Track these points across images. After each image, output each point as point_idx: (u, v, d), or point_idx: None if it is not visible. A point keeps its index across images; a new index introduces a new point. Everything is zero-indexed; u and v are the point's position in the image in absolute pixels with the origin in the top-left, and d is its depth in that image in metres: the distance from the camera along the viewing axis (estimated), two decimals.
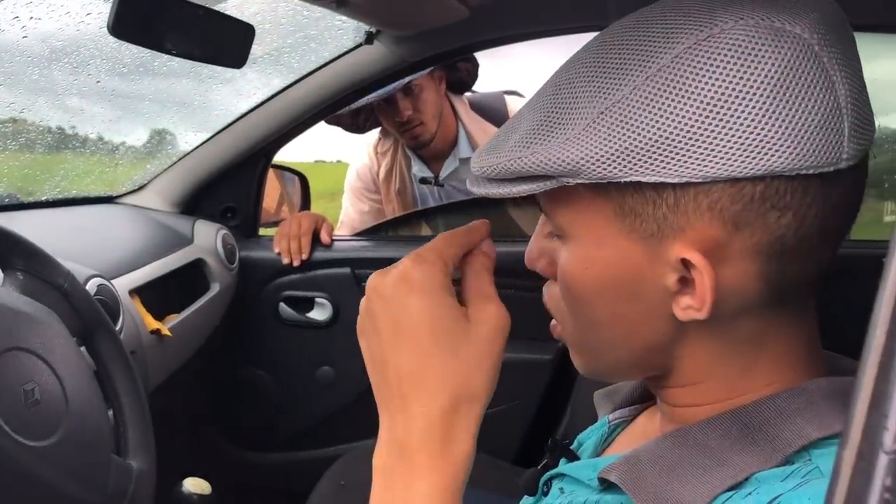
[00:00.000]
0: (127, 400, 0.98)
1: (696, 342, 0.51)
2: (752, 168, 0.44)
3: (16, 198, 1.72)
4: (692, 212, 0.46)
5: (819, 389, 0.49)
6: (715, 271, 0.46)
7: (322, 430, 1.94)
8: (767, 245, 0.46)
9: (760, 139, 0.43)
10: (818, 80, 0.43)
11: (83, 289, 0.97)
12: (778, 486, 0.44)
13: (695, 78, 0.44)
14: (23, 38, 1.30)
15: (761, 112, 0.43)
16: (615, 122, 0.46)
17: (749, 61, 0.43)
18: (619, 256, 0.50)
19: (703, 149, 0.44)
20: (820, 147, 0.43)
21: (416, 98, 2.06)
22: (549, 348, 1.76)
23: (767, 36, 0.44)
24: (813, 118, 0.43)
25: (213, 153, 1.84)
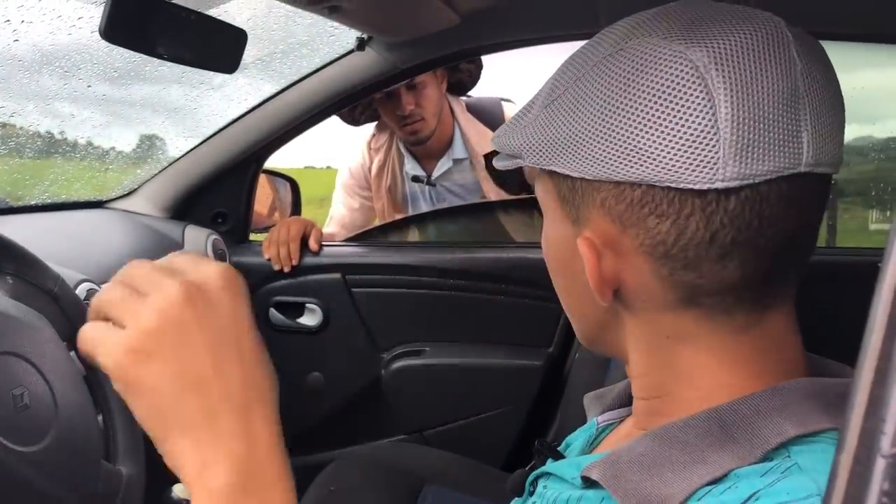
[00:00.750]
0: (116, 405, 0.97)
1: (630, 330, 0.56)
2: (629, 174, 0.48)
3: (5, 202, 1.71)
4: (591, 205, 0.52)
5: (799, 389, 0.50)
6: (612, 262, 0.52)
7: (311, 437, 1.94)
8: (651, 247, 0.50)
9: (637, 148, 0.47)
10: (696, 100, 0.45)
11: (73, 293, 0.97)
12: (757, 481, 0.44)
13: (595, 86, 0.50)
14: (14, 42, 1.29)
15: (639, 124, 0.47)
16: (550, 116, 0.53)
17: (637, 77, 0.47)
18: (560, 236, 0.57)
19: (594, 150, 0.49)
20: (691, 164, 0.45)
21: (418, 93, 2.07)
22: (539, 355, 1.77)
23: (663, 56, 0.47)
24: (683, 135, 0.45)
25: (203, 158, 1.84)
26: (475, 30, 1.55)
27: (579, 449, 0.69)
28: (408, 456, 1.54)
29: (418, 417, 1.84)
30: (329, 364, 1.89)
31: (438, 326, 1.83)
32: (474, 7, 1.41)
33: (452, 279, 1.79)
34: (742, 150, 0.45)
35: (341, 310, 1.85)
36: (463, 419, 1.81)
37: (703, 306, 0.51)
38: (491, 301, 1.79)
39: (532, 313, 1.77)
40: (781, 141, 0.46)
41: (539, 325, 1.78)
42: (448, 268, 1.79)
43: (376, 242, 2.07)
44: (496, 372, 1.78)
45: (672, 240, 0.48)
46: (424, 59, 1.67)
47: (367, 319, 1.85)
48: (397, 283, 1.82)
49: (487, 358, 1.79)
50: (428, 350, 1.83)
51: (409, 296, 1.82)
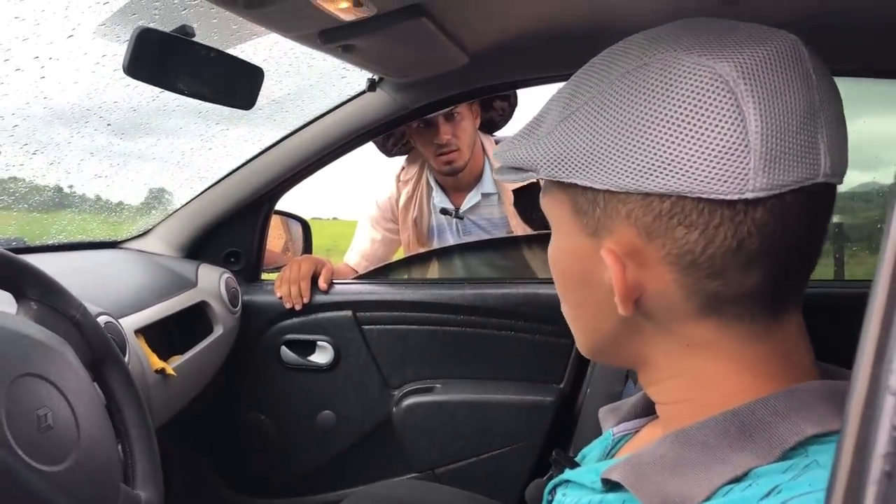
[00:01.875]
0: (136, 431, 0.98)
1: (651, 339, 0.56)
2: (659, 186, 0.48)
3: (22, 241, 1.74)
4: (615, 217, 0.52)
5: (814, 390, 0.51)
6: (634, 272, 0.52)
7: (323, 476, 1.93)
8: (677, 257, 0.50)
9: (667, 160, 0.48)
10: (730, 115, 0.46)
11: (94, 320, 0.99)
12: (777, 477, 0.45)
13: (622, 100, 0.50)
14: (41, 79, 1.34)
15: (671, 136, 0.48)
16: (568, 129, 0.53)
17: (667, 90, 0.48)
18: (575, 249, 0.57)
19: (622, 163, 0.50)
20: (722, 175, 0.46)
21: (456, 124, 2.11)
22: (550, 391, 1.77)
23: (692, 70, 0.48)
24: (715, 148, 0.46)
25: (217, 198, 1.87)
26: (483, 69, 1.58)
27: (596, 458, 0.69)
28: (420, 494, 1.53)
29: (430, 455, 1.84)
30: (340, 402, 1.89)
31: (449, 363, 1.84)
32: (483, 47, 1.45)
33: (462, 315, 1.80)
34: (770, 161, 0.46)
35: (352, 347, 1.86)
36: (475, 456, 1.80)
37: (724, 314, 0.52)
38: (501, 337, 1.80)
39: (543, 349, 1.77)
40: (803, 152, 0.47)
41: (550, 361, 1.78)
42: (458, 304, 1.80)
43: (386, 280, 2.09)
44: (507, 408, 1.78)
45: (700, 249, 0.49)
46: (434, 99, 1.71)
47: (378, 357, 1.86)
48: (408, 320, 1.84)
49: (498, 394, 1.79)
50: (439, 387, 1.83)
51: (419, 332, 1.83)
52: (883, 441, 0.25)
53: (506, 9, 1.28)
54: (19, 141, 1.54)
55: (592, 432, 0.77)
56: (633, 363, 0.60)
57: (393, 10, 1.13)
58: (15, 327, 0.83)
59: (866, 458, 0.25)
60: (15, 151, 1.57)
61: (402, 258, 2.26)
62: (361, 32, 1.18)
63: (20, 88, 1.39)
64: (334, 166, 1.89)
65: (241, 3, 0.99)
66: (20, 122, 1.50)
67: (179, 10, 1.25)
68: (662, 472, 0.51)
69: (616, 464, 0.56)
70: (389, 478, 1.89)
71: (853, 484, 0.25)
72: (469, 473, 1.80)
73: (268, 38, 1.34)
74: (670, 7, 1.18)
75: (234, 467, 2.00)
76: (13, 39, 1.24)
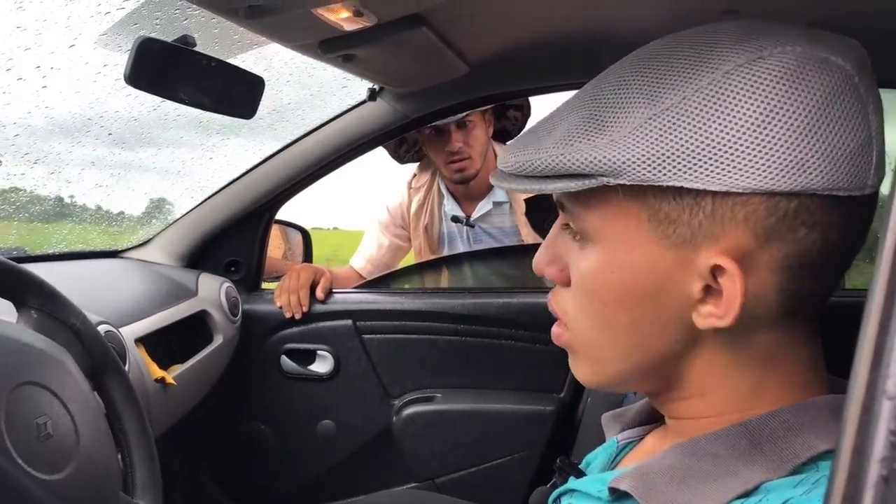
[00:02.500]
0: (135, 440, 0.98)
1: (709, 353, 0.53)
2: (790, 184, 0.46)
3: (23, 251, 1.74)
4: (728, 221, 0.48)
5: (826, 404, 0.51)
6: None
7: (322, 485, 1.93)
8: (792, 258, 0.48)
9: (800, 158, 0.46)
10: (856, 109, 0.46)
11: (95, 329, 0.99)
12: (788, 491, 0.45)
13: (743, 94, 0.47)
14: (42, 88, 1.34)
15: (803, 133, 0.46)
16: (664, 127, 0.48)
17: (795, 84, 0.46)
18: (647, 262, 0.51)
19: (746, 161, 0.46)
20: (853, 171, 0.46)
21: (467, 132, 2.12)
22: (550, 400, 1.77)
23: (814, 63, 0.47)
24: (849, 144, 0.46)
25: (217, 208, 1.87)
26: (484, 79, 1.59)
27: (600, 466, 0.69)
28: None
29: (430, 464, 1.83)
30: (340, 411, 1.89)
31: (449, 372, 1.83)
32: (483, 57, 1.46)
33: (462, 325, 1.80)
34: (880, 158, 0.47)
35: (352, 356, 1.86)
36: (475, 466, 1.80)
37: (798, 317, 0.51)
38: (502, 346, 1.80)
39: (543, 358, 1.77)
40: (884, 149, 0.49)
41: (550, 370, 1.78)
42: (458, 313, 1.80)
43: (387, 289, 2.09)
44: (508, 418, 1.78)
45: (816, 249, 0.48)
46: (433, 109, 1.72)
47: (378, 366, 1.86)
48: (408, 330, 1.83)
49: (499, 404, 1.79)
50: (439, 396, 1.83)
51: (419, 342, 1.83)
52: (880, 446, 0.25)
53: (506, 19, 1.28)
54: (20, 150, 1.55)
55: (593, 441, 0.77)
56: (661, 385, 0.57)
57: (393, 20, 1.14)
58: (15, 335, 0.83)
59: (864, 462, 0.26)
60: (16, 161, 1.57)
61: (409, 265, 2.26)
62: (362, 42, 1.19)
63: (21, 98, 1.40)
64: (336, 176, 1.89)
65: (242, 13, 1.00)
66: (21, 132, 1.51)
67: (181, 20, 1.25)
68: (672, 483, 0.51)
69: (624, 473, 0.55)
70: (390, 487, 1.89)
71: (851, 488, 0.26)
72: (469, 483, 1.80)
73: (269, 48, 1.35)
74: (669, 16, 1.19)
75: (234, 476, 2.00)
76: (15, 49, 1.25)
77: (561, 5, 1.21)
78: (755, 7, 1.13)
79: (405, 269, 2.24)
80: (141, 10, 1.27)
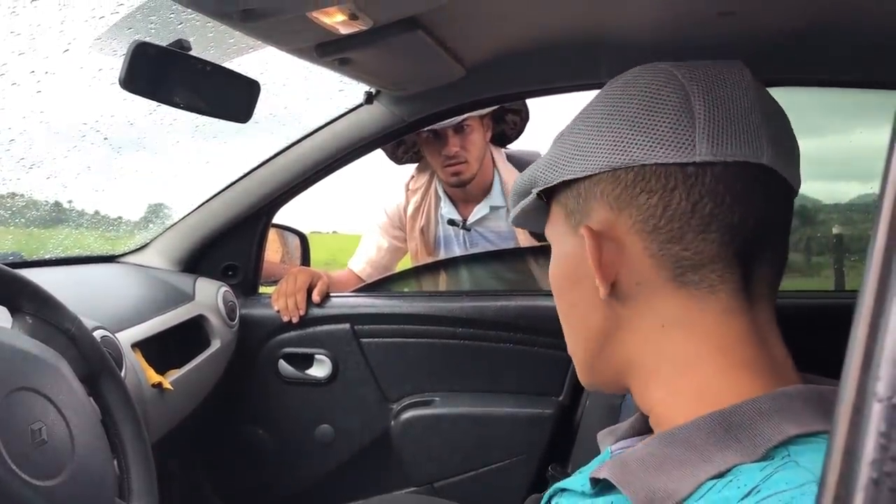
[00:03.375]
0: (131, 445, 0.98)
1: (631, 327, 0.60)
2: (624, 159, 0.58)
3: (19, 256, 1.74)
4: (591, 199, 0.61)
5: (798, 394, 0.53)
6: (610, 251, 0.59)
7: (321, 490, 1.92)
8: (643, 223, 0.58)
9: (630, 138, 0.58)
10: (675, 96, 0.57)
11: (90, 334, 0.98)
12: (757, 475, 0.47)
13: (595, 106, 0.63)
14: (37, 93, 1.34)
15: (632, 119, 0.58)
16: (559, 143, 0.65)
17: (628, 89, 0.60)
18: (568, 251, 0.65)
19: (595, 151, 0.60)
20: (673, 143, 0.56)
21: (464, 136, 2.12)
22: (549, 403, 1.77)
23: (647, 71, 0.61)
24: (667, 121, 0.56)
25: (214, 212, 1.87)
26: (480, 82, 1.59)
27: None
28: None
29: (428, 469, 1.83)
30: (338, 416, 1.89)
31: (447, 376, 1.83)
32: (480, 60, 1.46)
33: (461, 328, 1.80)
34: (713, 135, 0.55)
35: (350, 360, 1.86)
36: (474, 470, 1.80)
37: (691, 285, 0.57)
38: (500, 350, 1.79)
39: (541, 362, 1.77)
40: (746, 137, 0.56)
41: (548, 373, 1.78)
42: (456, 317, 1.80)
43: (385, 293, 2.08)
44: (507, 421, 1.77)
45: (660, 212, 0.57)
46: (431, 112, 1.72)
47: (376, 370, 1.85)
48: (406, 333, 1.83)
49: (497, 407, 1.78)
50: (437, 400, 1.82)
51: (417, 345, 1.83)
52: (870, 448, 0.25)
53: (502, 22, 1.28)
54: (16, 156, 1.55)
55: (592, 445, 0.77)
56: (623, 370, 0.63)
57: (389, 24, 1.14)
58: (9, 341, 0.83)
59: (854, 464, 0.25)
60: (11, 166, 1.57)
61: (405, 269, 2.26)
62: (358, 46, 1.19)
63: (16, 103, 1.39)
64: (335, 179, 1.89)
65: (238, 16, 1.00)
66: (17, 137, 1.50)
67: (175, 24, 1.25)
68: (649, 469, 0.53)
69: (604, 463, 0.57)
70: (388, 492, 1.88)
71: (841, 491, 0.25)
72: (468, 487, 1.80)
73: (264, 52, 1.35)
74: (667, 19, 1.19)
75: (231, 482, 1.99)
76: (9, 54, 1.25)
77: (557, 9, 1.21)
78: (751, 9, 1.12)
79: (403, 272, 2.24)
80: (136, 15, 1.27)
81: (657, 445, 0.55)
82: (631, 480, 0.53)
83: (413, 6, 1.11)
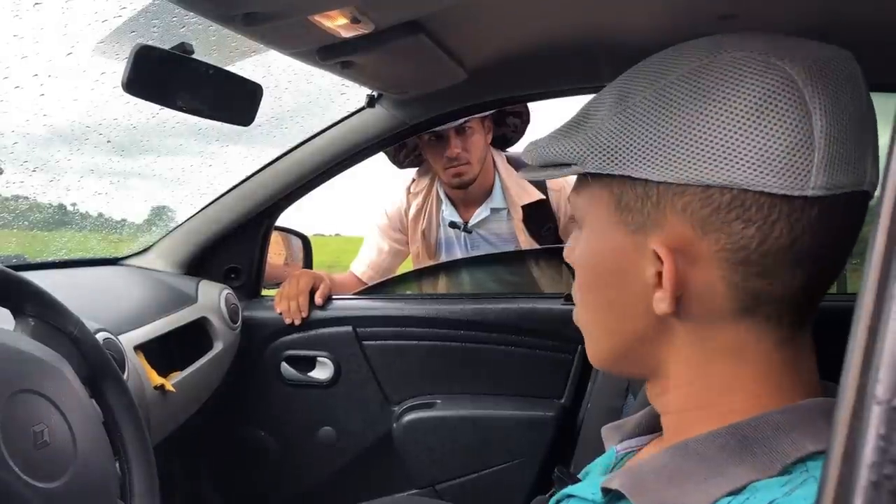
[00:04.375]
0: (133, 447, 0.98)
1: (677, 342, 0.55)
2: (721, 178, 0.49)
3: (23, 258, 1.74)
4: (669, 211, 0.52)
5: (816, 406, 0.51)
6: (682, 267, 0.51)
7: (322, 492, 1.92)
8: (731, 252, 0.50)
9: (731, 153, 0.48)
10: (794, 110, 0.48)
11: (92, 336, 0.98)
12: (775, 491, 0.45)
13: (687, 95, 0.50)
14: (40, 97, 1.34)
15: (734, 130, 0.48)
16: (622, 123, 0.53)
17: (732, 86, 0.49)
18: (614, 247, 0.57)
19: (682, 155, 0.50)
20: (786, 171, 0.47)
21: (466, 138, 2.11)
22: (550, 406, 1.77)
23: (755, 66, 0.49)
24: (782, 143, 0.47)
25: (217, 215, 1.87)
26: (482, 85, 1.59)
27: (599, 475, 0.69)
28: None
29: (430, 471, 1.83)
30: (340, 418, 1.89)
31: (449, 378, 1.83)
32: (481, 63, 1.46)
33: (462, 331, 1.80)
34: (831, 161, 0.48)
35: (352, 363, 1.86)
36: (476, 472, 1.80)
37: (761, 316, 0.52)
38: (501, 352, 1.79)
39: (543, 364, 1.77)
40: (855, 159, 0.49)
41: (550, 375, 1.78)
42: (458, 319, 1.80)
43: (387, 295, 2.09)
44: (508, 424, 1.77)
45: (755, 245, 0.50)
46: (433, 115, 1.72)
47: (379, 372, 1.85)
48: (408, 336, 1.83)
49: (499, 410, 1.79)
50: (439, 402, 1.83)
51: (419, 348, 1.83)
52: (869, 451, 0.25)
53: (503, 26, 1.28)
54: (19, 158, 1.55)
55: (593, 448, 0.77)
56: (647, 371, 0.59)
57: (391, 27, 1.14)
58: (12, 343, 0.83)
59: (853, 467, 0.25)
60: (15, 169, 1.57)
61: (406, 272, 2.26)
62: (360, 49, 1.19)
63: (20, 106, 1.40)
64: (339, 182, 1.90)
65: (240, 20, 1.00)
66: (20, 140, 1.51)
67: (178, 28, 1.25)
68: (661, 481, 0.52)
69: (616, 473, 0.56)
70: (390, 494, 1.88)
71: (841, 493, 0.25)
72: (470, 489, 1.80)
73: (267, 55, 1.35)
74: (667, 22, 1.19)
75: (234, 484, 2.00)
76: (12, 57, 1.25)
77: (557, 12, 1.21)
78: (754, 12, 1.13)
79: (404, 275, 2.24)
80: (138, 18, 1.27)
81: (670, 457, 0.53)
82: (642, 491, 0.52)
83: (415, 10, 1.11)
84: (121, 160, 1.83)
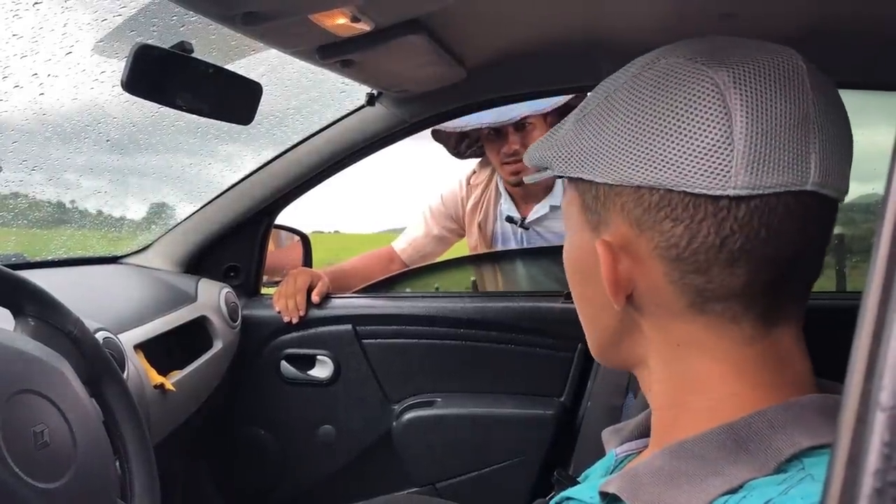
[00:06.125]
0: (134, 447, 0.98)
1: (646, 339, 0.58)
2: (649, 179, 0.51)
3: (22, 257, 1.74)
4: (612, 210, 0.55)
5: (810, 404, 0.51)
6: (628, 265, 0.55)
7: (322, 491, 1.92)
8: (665, 250, 0.53)
9: (657, 156, 0.51)
10: (714, 113, 0.49)
11: (92, 336, 0.99)
12: (771, 489, 0.45)
13: (625, 101, 0.54)
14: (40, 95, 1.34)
15: (661, 134, 0.51)
16: (578, 130, 0.57)
17: (662, 91, 0.52)
18: (581, 245, 0.60)
19: (617, 158, 0.53)
20: (706, 171, 0.49)
21: (525, 134, 2.10)
22: (550, 404, 1.77)
23: (682, 72, 0.51)
24: (701, 144, 0.49)
25: (216, 213, 1.87)
26: (482, 83, 1.59)
27: (598, 477, 0.69)
28: None
29: (430, 469, 1.83)
30: (340, 417, 1.89)
31: (449, 377, 1.83)
32: (481, 61, 1.46)
33: (463, 329, 1.80)
34: (754, 162, 0.48)
35: (352, 361, 1.86)
36: (476, 471, 1.80)
37: (712, 313, 0.53)
38: (502, 351, 1.79)
39: (542, 363, 1.77)
40: (790, 159, 0.49)
41: (550, 374, 1.78)
42: (458, 318, 1.80)
43: (386, 294, 2.09)
44: (508, 422, 1.77)
45: (684, 243, 0.51)
46: (432, 113, 1.72)
47: (378, 371, 1.85)
48: (408, 334, 1.83)
49: (499, 408, 1.79)
50: (439, 401, 1.83)
51: (419, 346, 1.83)
52: (874, 457, 0.24)
53: (503, 24, 1.28)
54: (18, 157, 1.55)
55: (593, 446, 0.77)
56: (633, 364, 0.61)
57: (391, 26, 1.14)
58: (12, 344, 0.83)
59: (857, 474, 0.25)
60: (14, 167, 1.57)
61: (405, 270, 2.24)
62: (360, 48, 1.19)
63: (19, 105, 1.40)
64: (337, 179, 1.89)
65: (240, 19, 1.00)
66: (19, 138, 1.51)
67: (178, 27, 1.25)
68: (658, 483, 0.51)
69: (613, 476, 0.56)
70: (390, 492, 1.88)
71: (845, 499, 0.25)
72: (470, 488, 1.80)
73: (266, 54, 1.35)
74: (667, 21, 1.19)
75: (234, 483, 2.00)
76: (12, 56, 1.25)
77: (557, 11, 1.21)
78: (753, 12, 1.12)
79: (404, 273, 2.23)
80: (138, 17, 1.27)
81: (667, 459, 0.53)
82: (640, 495, 0.52)
83: (414, 8, 1.11)
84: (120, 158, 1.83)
